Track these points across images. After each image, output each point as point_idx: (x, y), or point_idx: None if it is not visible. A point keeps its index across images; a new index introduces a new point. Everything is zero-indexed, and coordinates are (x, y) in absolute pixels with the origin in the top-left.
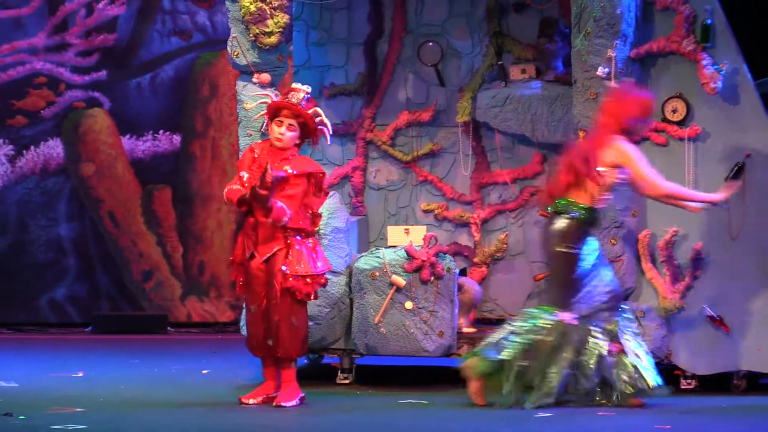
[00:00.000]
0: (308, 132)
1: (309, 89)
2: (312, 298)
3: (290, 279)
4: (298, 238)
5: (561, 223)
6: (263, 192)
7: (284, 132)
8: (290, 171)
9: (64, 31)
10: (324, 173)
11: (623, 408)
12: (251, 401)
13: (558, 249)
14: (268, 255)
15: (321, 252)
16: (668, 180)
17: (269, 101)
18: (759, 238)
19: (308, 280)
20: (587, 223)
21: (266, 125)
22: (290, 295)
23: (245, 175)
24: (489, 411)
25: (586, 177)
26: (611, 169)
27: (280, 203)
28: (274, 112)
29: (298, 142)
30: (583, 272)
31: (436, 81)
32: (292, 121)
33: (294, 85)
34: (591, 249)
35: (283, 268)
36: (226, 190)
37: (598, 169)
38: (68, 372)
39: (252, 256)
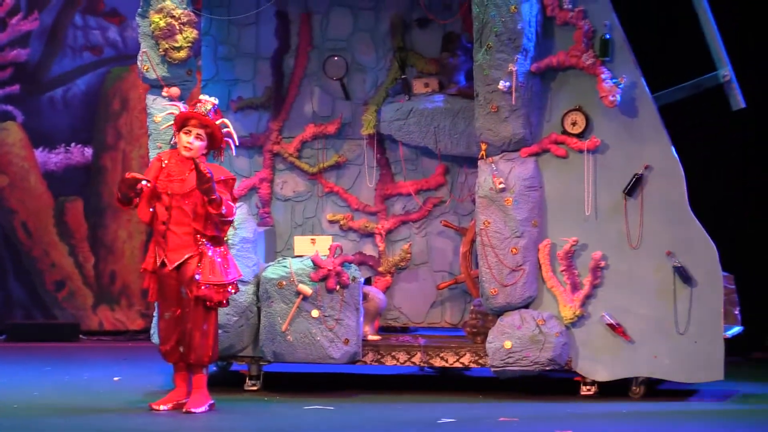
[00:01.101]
0: (215, 142)
1: (216, 101)
2: (224, 305)
3: (203, 287)
4: (210, 246)
5: None
6: (206, 185)
7: (192, 141)
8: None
9: None
10: (235, 179)
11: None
12: (162, 407)
13: None
14: (178, 262)
15: (232, 260)
16: (567, 190)
17: (177, 112)
18: (657, 248)
19: (220, 288)
20: None
21: (174, 136)
22: (202, 303)
23: (147, 183)
24: (393, 417)
25: None
26: None
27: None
28: (182, 123)
29: (205, 152)
30: None
31: (342, 95)
32: (200, 131)
33: (201, 97)
34: None
35: (196, 276)
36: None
37: None
38: None
39: (163, 264)
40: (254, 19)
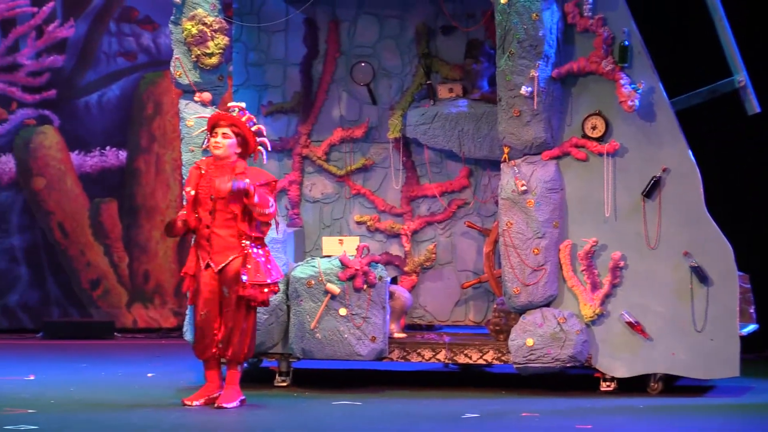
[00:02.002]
0: (248, 144)
1: (243, 104)
2: (266, 305)
3: (249, 287)
4: (254, 247)
5: None
6: (249, 200)
7: (220, 140)
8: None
9: (15, 52)
10: (277, 181)
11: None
12: (194, 403)
13: None
14: (223, 264)
15: (274, 261)
16: (587, 192)
17: (207, 116)
18: (674, 248)
19: (264, 288)
20: None
21: (207, 142)
22: (245, 302)
23: (192, 192)
24: (419, 412)
25: None
26: None
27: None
28: (212, 126)
29: (239, 151)
30: None
31: (369, 99)
32: (227, 130)
33: (230, 104)
34: None
35: (243, 277)
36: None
37: None
38: (20, 375)
39: (207, 266)
40: (284, 26)
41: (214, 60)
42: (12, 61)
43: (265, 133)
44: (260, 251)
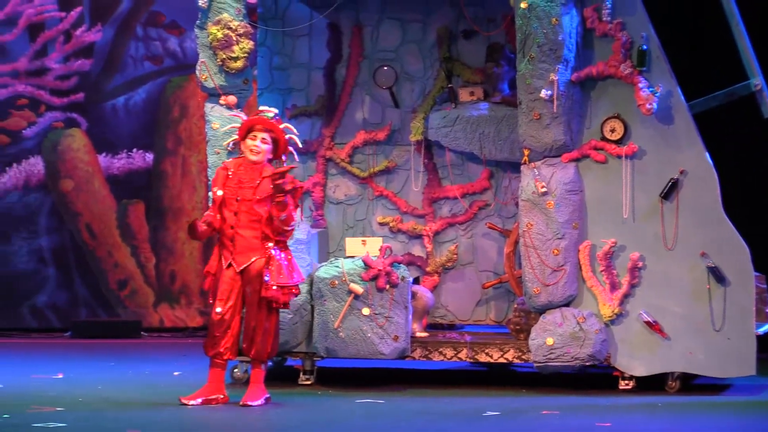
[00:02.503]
0: (278, 148)
1: (276, 111)
2: (287, 306)
3: (272, 289)
4: (277, 249)
5: None
6: (285, 185)
7: (259, 144)
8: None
9: (44, 56)
10: (303, 188)
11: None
12: (191, 402)
13: None
14: (245, 265)
15: (296, 264)
16: (606, 194)
17: (240, 123)
18: (691, 249)
19: (286, 290)
20: None
21: (238, 146)
22: (267, 303)
23: (219, 192)
24: (441, 410)
25: None
26: None
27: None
28: (248, 129)
29: (270, 157)
30: None
31: (391, 103)
32: (265, 135)
33: (261, 108)
34: None
35: (266, 278)
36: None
37: None
38: (49, 374)
39: (229, 266)
40: (308, 31)
41: (239, 64)
42: (40, 65)
43: (297, 140)
44: (283, 254)
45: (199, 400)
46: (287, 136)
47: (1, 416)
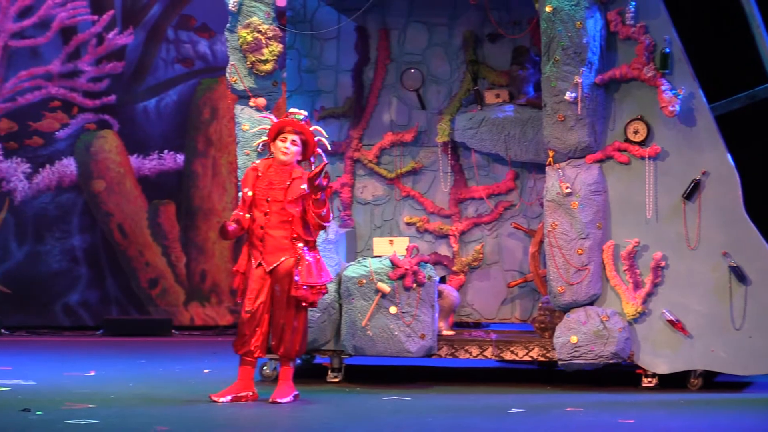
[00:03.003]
0: (307, 150)
1: (305, 113)
2: (315, 306)
3: (302, 288)
4: (306, 249)
5: None
6: (324, 182)
7: (289, 146)
8: (305, 189)
9: (77, 58)
10: (332, 189)
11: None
12: (221, 400)
13: None
14: (275, 264)
15: (324, 264)
16: (629, 195)
17: (270, 125)
18: (713, 249)
19: (315, 289)
20: None
21: (268, 147)
22: (296, 302)
23: (249, 192)
24: (466, 407)
25: None
26: None
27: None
28: (278, 131)
29: (300, 158)
30: None
31: (418, 105)
32: (295, 137)
33: (291, 110)
34: None
35: (296, 278)
36: (230, 226)
37: None
38: (81, 371)
39: (259, 265)
40: (336, 34)
41: (268, 66)
42: (73, 67)
43: (326, 142)
44: (312, 254)
45: (229, 398)
46: (316, 138)
47: (35, 413)
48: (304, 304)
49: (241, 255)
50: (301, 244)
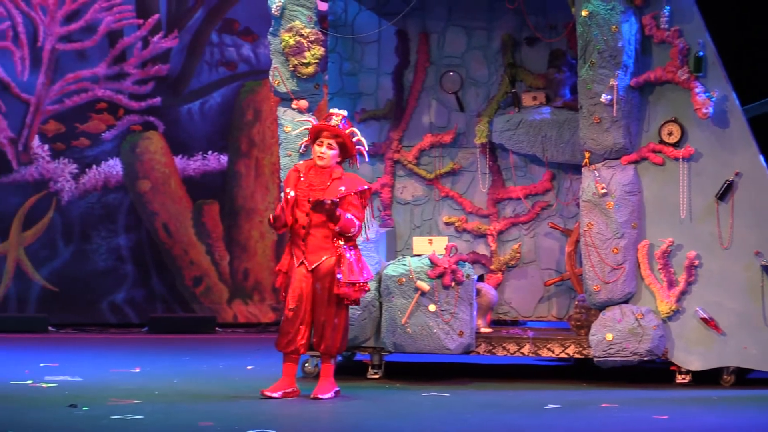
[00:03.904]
0: (347, 151)
1: (345, 113)
2: (358, 303)
3: (344, 286)
4: (347, 248)
5: None
6: (328, 207)
7: (325, 151)
8: (344, 190)
9: (122, 61)
10: (371, 189)
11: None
12: (274, 394)
13: None
14: (316, 263)
15: (365, 262)
16: (663, 195)
17: (310, 126)
18: (746, 248)
19: (357, 287)
20: None
21: (307, 148)
22: (337, 299)
23: (291, 192)
24: (504, 403)
25: None
26: None
27: (348, 215)
28: (316, 135)
29: (339, 160)
30: None
31: (457, 107)
32: (332, 141)
33: (332, 110)
34: None
35: (338, 276)
36: (272, 216)
37: None
38: (126, 368)
39: (301, 264)
40: (376, 37)
41: (310, 69)
42: (119, 70)
43: (364, 142)
44: (353, 252)
45: (280, 393)
46: (354, 139)
47: (81, 409)
48: (346, 301)
49: (284, 254)
50: (342, 242)
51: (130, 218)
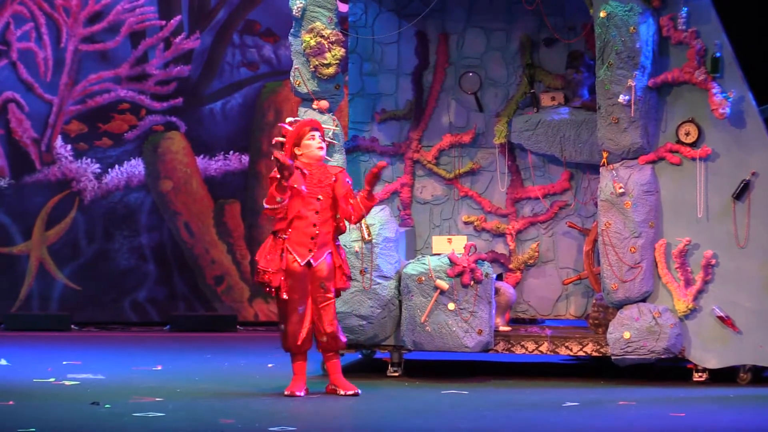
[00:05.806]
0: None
1: (293, 119)
2: (339, 295)
3: (348, 280)
4: (338, 243)
5: None
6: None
7: (320, 140)
8: (350, 182)
9: (145, 62)
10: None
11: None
12: (298, 393)
13: None
14: (321, 259)
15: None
16: (681, 195)
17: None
18: (762, 247)
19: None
20: None
21: (294, 157)
22: (336, 294)
23: (296, 185)
24: (522, 401)
25: None
26: None
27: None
28: (298, 137)
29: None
30: None
31: (476, 107)
32: (316, 133)
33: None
34: None
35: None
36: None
37: None
38: (148, 366)
39: (308, 263)
40: (396, 38)
41: (331, 70)
42: (141, 70)
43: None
44: (338, 244)
45: (303, 392)
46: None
47: (104, 406)
48: (339, 294)
49: (269, 252)
50: (337, 237)
51: (152, 218)
